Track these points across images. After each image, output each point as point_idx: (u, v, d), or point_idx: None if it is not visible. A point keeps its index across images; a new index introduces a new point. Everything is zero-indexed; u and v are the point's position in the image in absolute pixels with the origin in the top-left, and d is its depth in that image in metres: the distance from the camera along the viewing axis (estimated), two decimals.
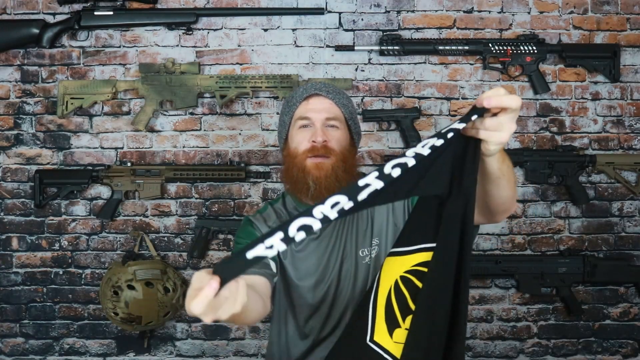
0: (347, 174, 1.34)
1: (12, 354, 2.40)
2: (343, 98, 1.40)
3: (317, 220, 0.87)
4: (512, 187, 1.12)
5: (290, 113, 1.38)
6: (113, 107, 2.38)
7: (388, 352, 1.14)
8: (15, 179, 2.39)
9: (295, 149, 1.36)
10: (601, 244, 2.39)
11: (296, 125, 1.36)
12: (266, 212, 1.47)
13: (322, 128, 1.34)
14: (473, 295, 2.39)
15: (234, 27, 2.37)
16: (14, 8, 2.37)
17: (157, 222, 2.39)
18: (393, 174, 0.98)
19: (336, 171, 1.33)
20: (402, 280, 1.14)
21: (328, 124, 1.35)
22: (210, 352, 2.39)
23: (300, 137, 1.35)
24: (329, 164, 1.33)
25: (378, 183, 0.96)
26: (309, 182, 1.32)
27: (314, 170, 1.32)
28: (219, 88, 2.31)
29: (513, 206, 1.18)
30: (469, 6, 2.38)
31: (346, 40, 2.37)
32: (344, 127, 1.39)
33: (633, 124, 2.39)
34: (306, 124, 1.35)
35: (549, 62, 2.37)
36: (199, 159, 2.38)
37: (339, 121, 1.37)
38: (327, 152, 1.33)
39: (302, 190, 1.34)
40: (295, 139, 1.36)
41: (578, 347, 2.39)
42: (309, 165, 1.33)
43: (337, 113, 1.37)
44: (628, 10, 2.38)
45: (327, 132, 1.35)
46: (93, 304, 2.38)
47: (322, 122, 1.34)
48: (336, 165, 1.33)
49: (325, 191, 1.31)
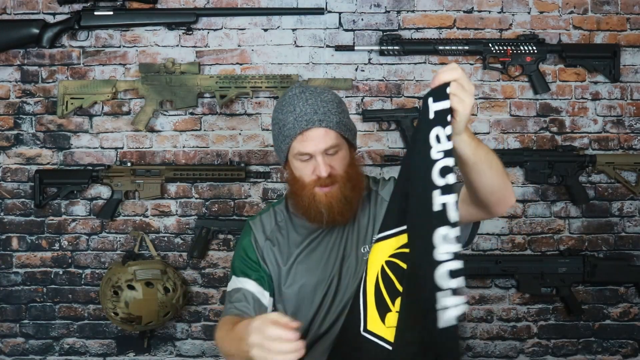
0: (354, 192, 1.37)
1: (12, 354, 2.40)
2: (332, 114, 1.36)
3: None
4: (498, 175, 1.13)
5: (286, 144, 1.37)
6: (113, 107, 2.38)
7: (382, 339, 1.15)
8: (15, 179, 2.39)
9: (300, 178, 1.38)
10: (601, 244, 2.39)
11: (297, 158, 1.37)
12: (266, 213, 1.50)
13: (323, 160, 1.34)
14: (473, 295, 2.39)
15: (234, 27, 2.37)
16: (14, 8, 2.37)
17: (157, 222, 2.39)
18: (450, 180, 1.02)
19: (344, 193, 1.35)
20: (388, 264, 1.16)
21: (328, 152, 1.35)
22: (210, 352, 2.39)
23: (304, 170, 1.36)
24: (336, 190, 1.35)
25: (450, 197, 1.01)
26: (322, 210, 1.35)
27: (324, 199, 1.35)
28: (219, 88, 2.31)
29: (508, 197, 1.19)
30: (469, 6, 2.38)
31: (346, 40, 2.37)
32: (342, 143, 1.38)
33: (633, 124, 2.39)
34: (307, 158, 1.36)
35: (549, 62, 2.37)
36: (199, 159, 2.38)
37: (336, 144, 1.36)
38: (332, 180, 1.35)
39: (316, 217, 1.37)
40: (298, 169, 1.38)
41: (578, 347, 2.39)
42: (319, 195, 1.35)
43: (333, 137, 1.35)
44: (628, 10, 2.38)
45: (328, 161, 1.35)
46: (93, 304, 2.38)
47: (322, 153, 1.34)
48: (343, 187, 1.36)
49: (339, 215, 1.35)
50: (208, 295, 2.38)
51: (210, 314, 2.39)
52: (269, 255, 1.43)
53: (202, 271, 2.38)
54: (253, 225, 1.47)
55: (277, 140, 1.42)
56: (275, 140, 1.43)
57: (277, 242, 1.44)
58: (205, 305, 2.38)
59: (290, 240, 1.44)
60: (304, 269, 1.40)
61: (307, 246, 1.42)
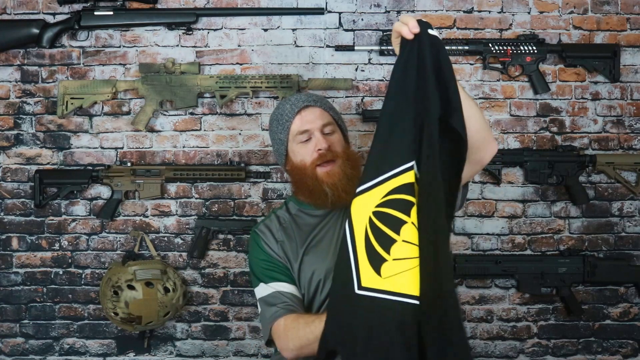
0: (354, 170, 1.43)
1: (12, 354, 2.40)
2: (326, 102, 1.50)
3: None
4: (480, 114, 1.22)
5: (286, 130, 1.45)
6: (113, 107, 2.38)
7: (382, 291, 1.14)
8: (15, 179, 2.39)
9: (301, 162, 1.43)
10: (601, 244, 2.39)
11: (296, 141, 1.44)
12: (269, 219, 1.55)
13: (322, 135, 1.43)
14: (473, 295, 2.39)
15: (234, 27, 2.37)
16: (14, 8, 2.37)
17: (157, 222, 2.39)
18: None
19: (345, 172, 1.41)
20: (376, 215, 1.16)
21: (325, 131, 1.43)
22: (210, 352, 2.39)
23: (304, 151, 1.43)
24: (337, 168, 1.41)
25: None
26: (326, 190, 1.40)
27: (327, 178, 1.40)
28: (219, 88, 2.31)
29: (492, 141, 1.27)
30: (469, 6, 2.38)
31: (346, 40, 2.37)
32: (337, 128, 1.48)
33: (633, 124, 2.39)
34: (306, 138, 1.43)
35: (549, 62, 2.37)
36: (199, 159, 2.38)
37: (332, 125, 1.46)
38: (333, 156, 1.41)
39: (321, 198, 1.42)
40: (299, 153, 1.44)
41: (578, 347, 2.39)
42: (321, 175, 1.40)
43: (329, 118, 1.46)
44: (628, 10, 2.38)
45: (327, 139, 1.43)
46: (93, 304, 2.38)
47: (320, 131, 1.43)
48: (344, 165, 1.42)
49: (343, 192, 1.39)
50: (208, 295, 2.38)
51: (210, 314, 2.39)
52: (282, 254, 1.47)
53: (202, 271, 2.38)
54: (260, 233, 1.51)
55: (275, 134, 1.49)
56: (274, 136, 1.50)
57: (285, 242, 1.48)
58: (205, 305, 2.38)
59: (296, 238, 1.48)
60: (313, 261, 1.44)
61: (313, 239, 1.47)
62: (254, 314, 2.38)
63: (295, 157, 1.45)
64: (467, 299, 2.39)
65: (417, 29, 1.14)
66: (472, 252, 2.38)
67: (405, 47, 1.18)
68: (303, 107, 1.44)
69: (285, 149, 1.46)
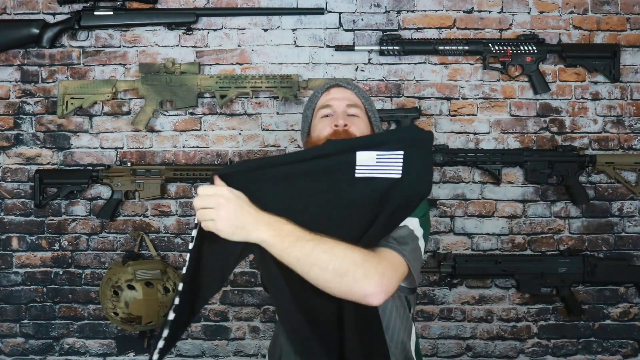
0: None
1: (12, 354, 2.40)
2: (363, 93, 1.43)
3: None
4: (328, 271, 1.04)
5: (312, 105, 1.40)
6: (113, 107, 2.38)
7: None
8: (15, 179, 2.39)
9: (317, 137, 1.35)
10: (601, 244, 2.39)
11: (318, 115, 1.37)
12: None
13: (343, 114, 1.35)
14: (473, 295, 2.39)
15: (234, 27, 2.37)
16: (14, 8, 2.37)
17: (157, 222, 2.39)
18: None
19: None
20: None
21: (349, 112, 1.35)
22: (210, 352, 2.39)
23: (322, 125, 1.35)
24: None
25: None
26: None
27: None
28: (219, 88, 2.31)
29: (359, 284, 1.04)
30: (469, 6, 2.38)
31: (346, 40, 2.37)
32: (365, 116, 1.39)
33: (633, 124, 2.39)
34: (328, 113, 1.36)
35: (549, 62, 2.37)
36: (199, 159, 2.38)
37: (359, 109, 1.38)
38: (347, 136, 1.31)
39: None
40: (317, 128, 1.37)
41: (578, 347, 2.39)
42: None
43: (358, 102, 1.39)
44: (628, 10, 2.38)
45: (348, 119, 1.34)
46: (93, 304, 2.38)
47: (343, 109, 1.35)
48: None
49: None
50: None
51: (210, 314, 2.39)
52: None
53: None
54: None
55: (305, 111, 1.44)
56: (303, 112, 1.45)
57: None
58: (205, 305, 2.38)
59: None
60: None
61: None
62: (254, 314, 2.39)
63: (314, 132, 1.38)
64: (467, 299, 2.39)
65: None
66: (472, 252, 2.38)
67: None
68: (334, 86, 1.40)
69: (308, 126, 1.41)
